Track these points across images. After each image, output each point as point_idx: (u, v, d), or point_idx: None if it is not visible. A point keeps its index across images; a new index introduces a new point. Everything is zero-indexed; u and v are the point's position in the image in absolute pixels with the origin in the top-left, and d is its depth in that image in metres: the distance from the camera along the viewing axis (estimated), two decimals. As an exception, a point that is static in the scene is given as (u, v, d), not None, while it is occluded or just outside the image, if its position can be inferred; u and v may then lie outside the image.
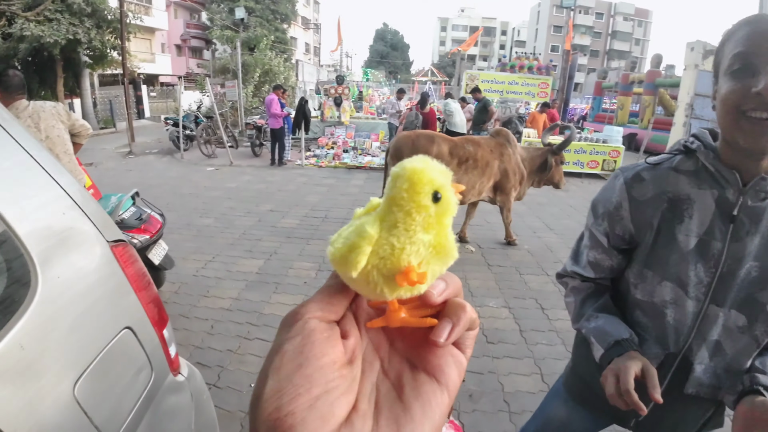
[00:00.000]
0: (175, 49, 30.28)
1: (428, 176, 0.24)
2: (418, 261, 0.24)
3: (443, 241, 0.25)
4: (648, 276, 0.87)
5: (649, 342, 0.89)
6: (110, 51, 14.79)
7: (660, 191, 0.84)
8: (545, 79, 12.33)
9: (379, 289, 0.24)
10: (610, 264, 0.95)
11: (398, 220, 0.24)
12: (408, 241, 0.24)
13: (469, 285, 3.70)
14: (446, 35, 69.21)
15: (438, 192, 0.24)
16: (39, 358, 0.71)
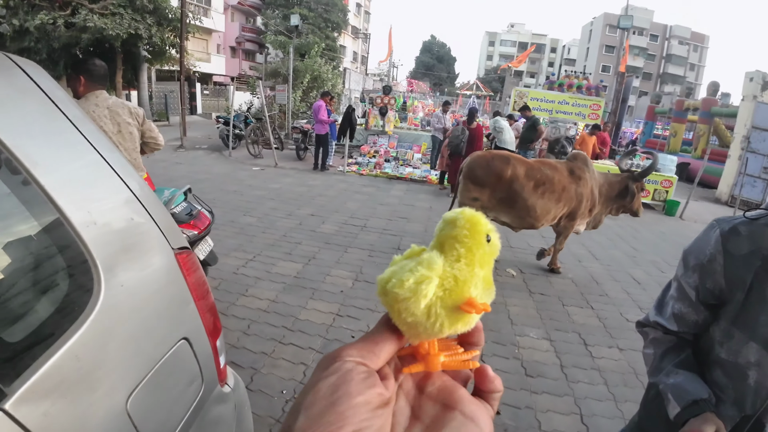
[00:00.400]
0: (229, 50, 31.58)
1: (484, 220, 0.28)
2: (477, 293, 0.27)
3: (490, 278, 0.28)
4: (735, 335, 0.84)
5: (726, 403, 0.85)
6: (169, 48, 15.54)
7: (756, 247, 0.81)
8: (597, 101, 11.89)
9: (439, 323, 0.26)
10: (695, 319, 0.92)
11: (461, 256, 0.27)
12: (470, 274, 0.27)
13: (509, 311, 3.54)
14: (494, 50, 68.57)
15: (489, 235, 0.28)
16: (94, 370, 0.68)
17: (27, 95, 0.77)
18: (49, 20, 12.93)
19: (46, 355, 0.62)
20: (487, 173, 3.96)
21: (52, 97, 0.80)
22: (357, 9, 43.96)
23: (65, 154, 0.78)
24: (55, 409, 0.61)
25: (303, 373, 2.47)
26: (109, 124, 2.65)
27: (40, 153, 0.72)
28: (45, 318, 0.65)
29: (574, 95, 11.68)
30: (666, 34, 52.47)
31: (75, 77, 2.64)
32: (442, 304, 0.26)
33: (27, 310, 0.65)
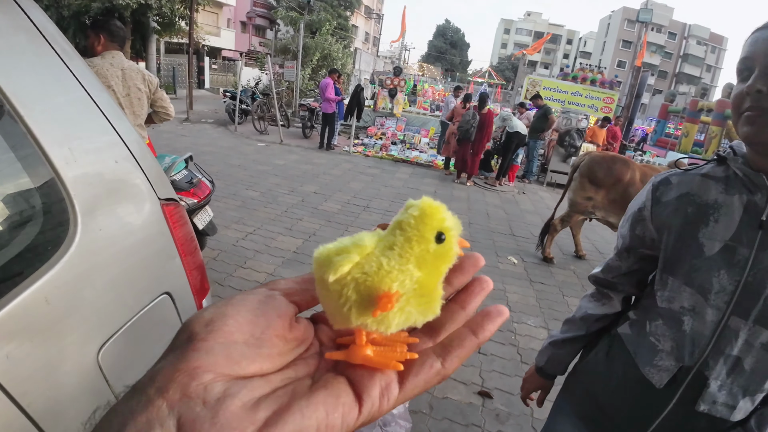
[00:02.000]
0: (240, 25, 31.14)
1: (441, 215, 0.24)
2: (400, 291, 0.22)
3: (430, 287, 0.24)
4: (668, 281, 0.85)
5: (663, 353, 0.86)
6: (178, 20, 15.34)
7: (684, 193, 0.84)
8: (611, 94, 11.66)
9: (347, 307, 0.22)
10: (619, 265, 0.97)
11: (396, 244, 0.23)
12: (398, 267, 0.23)
13: (508, 298, 3.51)
14: (509, 38, 67.33)
15: (443, 234, 0.23)
16: (64, 316, 0.64)
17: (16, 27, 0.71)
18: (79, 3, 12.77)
19: (12, 293, 0.58)
20: (607, 174, 3.99)
21: (43, 31, 0.75)
22: (371, -11, 43.07)
23: (49, 88, 0.73)
24: (20, 352, 0.57)
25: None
26: (120, 85, 2.64)
27: (23, 85, 0.67)
28: (14, 255, 0.61)
29: (587, 87, 11.45)
30: (684, 33, 51.29)
31: (94, 35, 2.65)
32: (356, 288, 0.22)
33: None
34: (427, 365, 0.24)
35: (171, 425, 0.18)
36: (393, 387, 0.23)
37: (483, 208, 6.26)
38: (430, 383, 0.24)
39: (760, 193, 0.76)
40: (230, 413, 0.18)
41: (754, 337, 0.77)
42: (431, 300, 0.24)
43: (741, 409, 0.81)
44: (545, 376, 1.12)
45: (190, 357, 0.20)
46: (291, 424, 0.19)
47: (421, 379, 0.24)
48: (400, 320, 0.23)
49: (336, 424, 0.21)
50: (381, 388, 0.23)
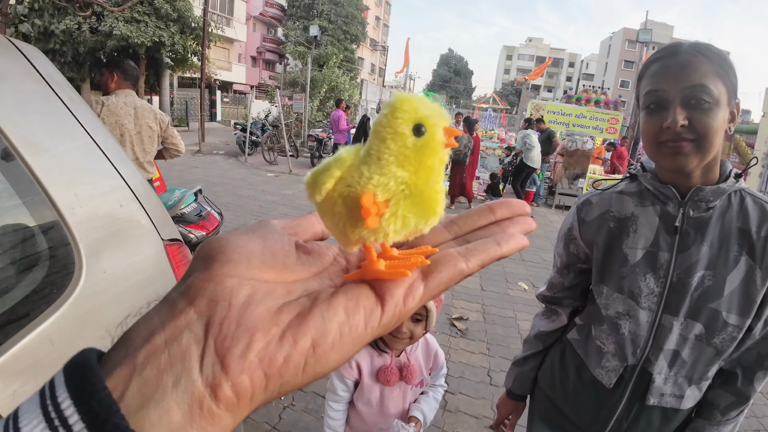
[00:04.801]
0: (250, 59, 32.28)
1: (413, 105, 0.21)
2: (385, 197, 0.21)
3: (422, 185, 0.22)
4: (603, 290, 0.91)
5: (608, 355, 0.91)
6: (191, 56, 15.95)
7: (605, 211, 0.92)
8: (616, 115, 11.72)
9: (341, 223, 0.22)
10: (561, 281, 1.03)
11: (372, 148, 0.22)
12: (378, 171, 0.21)
13: (519, 326, 3.44)
14: (511, 63, 68.64)
15: (422, 125, 0.21)
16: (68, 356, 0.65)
17: (23, 77, 0.76)
18: (75, 25, 13.40)
19: (19, 335, 0.60)
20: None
21: (49, 80, 0.80)
22: (376, 22, 44.59)
23: (56, 135, 0.77)
24: (25, 390, 0.59)
25: (304, 378, 2.43)
26: (132, 123, 2.73)
27: (30, 133, 0.71)
28: (21, 297, 0.64)
29: (591, 109, 11.55)
30: (687, 51, 51.65)
31: (108, 73, 2.76)
32: (343, 202, 0.22)
33: (3, 288, 0.64)
34: (452, 264, 0.24)
35: (199, 329, 0.19)
36: (417, 285, 0.23)
37: (491, 232, 6.23)
38: (453, 280, 0.24)
39: (671, 203, 0.84)
40: (255, 315, 0.19)
41: (687, 331, 0.83)
42: (427, 200, 0.22)
43: (689, 398, 0.88)
44: (515, 397, 1.17)
45: (213, 267, 0.21)
46: (312, 326, 0.20)
47: (445, 275, 0.24)
48: (397, 226, 0.22)
49: (358, 324, 0.21)
50: (405, 288, 0.23)
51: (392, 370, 1.19)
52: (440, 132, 0.22)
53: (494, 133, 11.73)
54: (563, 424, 1.03)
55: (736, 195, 0.83)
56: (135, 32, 13.77)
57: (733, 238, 0.80)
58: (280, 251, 0.23)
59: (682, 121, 0.74)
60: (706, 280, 0.81)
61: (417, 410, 1.28)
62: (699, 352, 0.84)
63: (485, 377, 2.69)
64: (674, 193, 0.83)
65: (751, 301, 0.80)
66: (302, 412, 2.18)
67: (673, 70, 0.76)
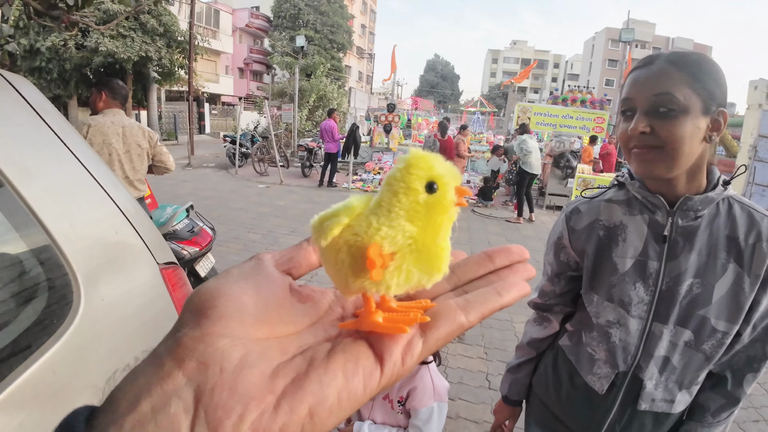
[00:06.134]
0: (237, 71, 32.26)
1: (428, 162, 0.22)
2: (392, 249, 0.21)
3: (429, 242, 0.22)
4: (594, 299, 0.92)
5: (599, 362, 0.93)
6: (178, 69, 15.90)
7: (594, 220, 0.92)
8: (601, 114, 11.89)
9: (344, 271, 0.22)
10: (552, 289, 1.04)
11: (383, 200, 0.22)
12: (387, 223, 0.21)
13: (515, 329, 3.47)
14: (497, 67, 69.35)
15: (434, 183, 0.22)
16: (70, 384, 0.66)
17: (12, 107, 0.78)
18: (60, 42, 13.31)
19: (22, 366, 0.61)
20: None
21: (38, 109, 0.81)
22: (362, 30, 44.88)
23: (48, 166, 0.78)
24: (31, 421, 0.60)
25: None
26: (120, 143, 2.73)
27: (22, 164, 0.72)
28: (22, 330, 0.65)
29: (577, 109, 11.71)
30: (668, 47, 52.74)
31: (97, 92, 2.76)
32: (348, 251, 0.22)
33: (4, 321, 0.64)
34: (451, 318, 0.23)
35: (188, 397, 0.18)
36: (416, 342, 0.23)
37: (484, 236, 6.28)
38: (452, 335, 0.23)
39: (660, 212, 0.84)
40: (249, 382, 0.18)
41: (677, 338, 0.84)
42: (432, 256, 0.22)
43: (680, 402, 0.89)
44: (511, 403, 1.18)
45: (203, 324, 0.20)
46: (309, 393, 0.19)
47: (443, 331, 0.23)
48: (400, 280, 0.22)
49: (357, 388, 0.20)
50: (403, 346, 0.22)
51: None
52: (452, 191, 0.22)
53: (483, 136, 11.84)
54: (559, 429, 1.04)
55: (724, 202, 0.83)
56: (121, 47, 13.71)
57: (721, 246, 0.81)
58: (274, 302, 0.23)
59: (643, 129, 0.76)
60: (695, 287, 0.82)
61: (362, 426, 1.23)
62: (689, 358, 0.85)
63: (484, 381, 2.71)
64: (663, 203, 0.83)
65: (739, 307, 0.81)
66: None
67: (642, 79, 0.78)
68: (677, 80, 0.75)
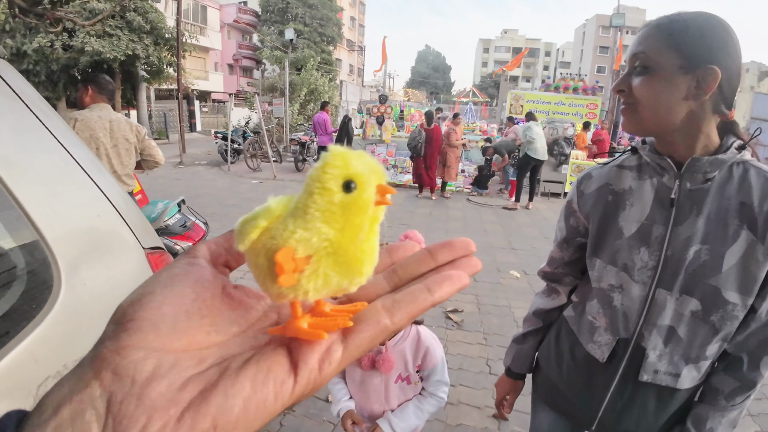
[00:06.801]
0: (227, 67, 31.94)
1: (345, 160, 0.21)
2: (307, 253, 0.20)
3: (347, 244, 0.21)
4: (596, 263, 0.90)
5: (600, 329, 0.91)
6: (166, 67, 15.72)
7: (603, 184, 0.91)
8: (594, 100, 11.90)
9: (262, 277, 0.21)
10: (560, 256, 1.03)
11: (300, 201, 0.21)
12: (303, 225, 0.20)
13: (514, 314, 3.47)
14: (488, 56, 69.12)
15: (352, 182, 0.20)
16: (53, 373, 0.63)
17: None
18: (47, 43, 13.12)
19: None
20: None
21: (21, 94, 0.77)
22: (351, 23, 44.52)
23: (30, 150, 0.75)
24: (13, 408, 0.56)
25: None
26: (108, 137, 2.70)
27: (3, 148, 0.69)
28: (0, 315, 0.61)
29: (570, 96, 11.70)
30: (659, 34, 52.57)
31: (83, 87, 2.74)
32: (265, 255, 0.21)
33: (-21, 308, 0.61)
34: (374, 321, 0.22)
35: (101, 406, 0.18)
36: (335, 349, 0.22)
37: (479, 225, 6.27)
38: (376, 339, 0.23)
39: (668, 175, 0.82)
40: (156, 393, 0.18)
41: (683, 307, 0.81)
42: (352, 259, 0.21)
43: (686, 378, 0.85)
44: (513, 376, 1.16)
45: (121, 337, 0.20)
46: (214, 405, 0.19)
47: (366, 336, 0.22)
48: (318, 285, 0.21)
49: (267, 399, 0.20)
50: (320, 353, 0.22)
51: (367, 354, 1.15)
52: (371, 190, 0.21)
53: (476, 126, 11.80)
54: (562, 405, 1.02)
55: (738, 167, 0.79)
56: (108, 47, 13.53)
57: (732, 212, 0.77)
58: (198, 311, 0.22)
59: (618, 87, 0.79)
60: (703, 254, 0.78)
61: (384, 420, 1.20)
62: (695, 329, 0.81)
63: (484, 367, 2.70)
64: (670, 164, 0.81)
65: (753, 279, 0.76)
66: (303, 417, 2.16)
67: (631, 43, 0.82)
68: (654, 39, 0.76)
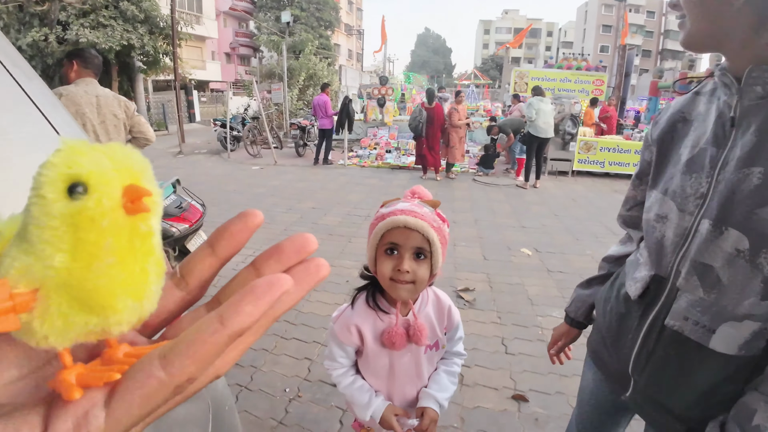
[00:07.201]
0: (224, 56, 31.49)
1: (71, 156, 0.16)
2: (32, 286, 0.16)
3: (83, 271, 0.16)
4: (652, 195, 0.83)
5: (641, 266, 0.84)
6: (162, 56, 15.47)
7: (675, 111, 0.84)
8: (600, 76, 11.58)
9: None
10: (633, 194, 0.98)
11: (25, 218, 0.16)
12: (28, 249, 0.16)
13: (527, 292, 3.32)
14: (489, 38, 67.89)
15: (81, 185, 0.15)
16: None
17: None
18: (41, 37, 12.88)
19: None
20: None
21: None
22: (349, 6, 43.71)
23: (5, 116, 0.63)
24: None
25: (307, 368, 2.27)
26: (95, 113, 2.59)
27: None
28: None
29: (575, 72, 11.37)
30: (663, 10, 51.53)
31: (68, 63, 2.66)
32: None
33: None
34: (143, 375, 0.17)
35: None
36: (95, 414, 0.17)
37: (486, 204, 6.09)
38: (152, 399, 0.17)
39: (730, 92, 0.71)
40: None
41: (727, 243, 0.68)
42: (93, 292, 0.16)
43: (722, 338, 0.70)
44: (569, 321, 1.15)
45: None
46: None
47: (135, 396, 0.17)
48: (56, 327, 0.16)
49: None
50: (76, 417, 0.17)
51: (397, 331, 1.01)
52: (112, 193, 0.16)
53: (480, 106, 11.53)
54: (603, 358, 0.95)
55: None
56: (102, 38, 13.26)
57: None
58: None
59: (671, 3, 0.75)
60: (755, 178, 0.65)
61: (427, 398, 1.09)
62: (739, 273, 0.67)
63: (500, 346, 2.55)
64: (732, 80, 0.69)
65: None
66: (310, 403, 2.03)
67: None
68: None
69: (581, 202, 6.49)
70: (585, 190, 7.35)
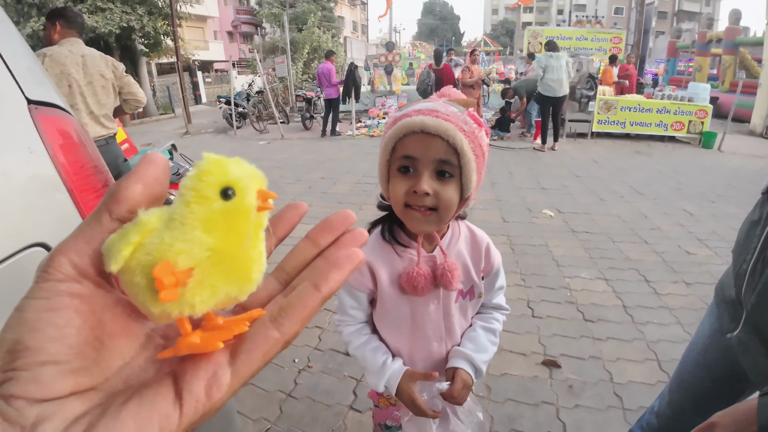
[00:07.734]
0: (227, 35, 30.91)
1: (222, 168, 0.20)
2: (189, 265, 0.19)
3: (233, 251, 0.21)
4: None
5: None
6: (163, 37, 15.18)
7: None
8: (618, 33, 10.94)
9: (141, 296, 0.20)
10: None
11: (176, 212, 0.20)
12: (181, 237, 0.19)
13: (552, 253, 3.10)
14: (498, 3, 65.31)
15: (231, 189, 0.20)
16: None
17: None
18: (40, 27, 12.68)
19: None
20: None
21: None
22: (352, -23, 42.24)
23: None
24: None
25: (318, 337, 2.12)
26: (81, 73, 2.40)
27: None
28: None
29: (592, 30, 10.76)
30: (682, -34, 48.70)
31: (50, 24, 2.47)
32: (142, 272, 0.19)
33: None
34: (261, 336, 0.21)
35: None
36: (222, 373, 0.20)
37: (503, 167, 5.81)
38: (268, 355, 0.21)
39: None
40: None
41: None
42: (238, 267, 0.21)
43: None
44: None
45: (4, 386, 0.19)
46: None
47: (257, 354, 0.21)
48: (205, 297, 0.20)
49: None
50: (206, 379, 0.20)
51: (420, 271, 0.77)
52: (252, 195, 0.21)
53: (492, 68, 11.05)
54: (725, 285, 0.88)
55: None
56: (101, 21, 12.97)
57: None
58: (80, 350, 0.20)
59: None
60: None
61: (460, 358, 0.84)
62: None
63: (526, 309, 2.36)
64: None
65: None
66: (321, 373, 1.87)
67: None
68: None
69: (603, 163, 6.17)
70: (606, 152, 6.99)
